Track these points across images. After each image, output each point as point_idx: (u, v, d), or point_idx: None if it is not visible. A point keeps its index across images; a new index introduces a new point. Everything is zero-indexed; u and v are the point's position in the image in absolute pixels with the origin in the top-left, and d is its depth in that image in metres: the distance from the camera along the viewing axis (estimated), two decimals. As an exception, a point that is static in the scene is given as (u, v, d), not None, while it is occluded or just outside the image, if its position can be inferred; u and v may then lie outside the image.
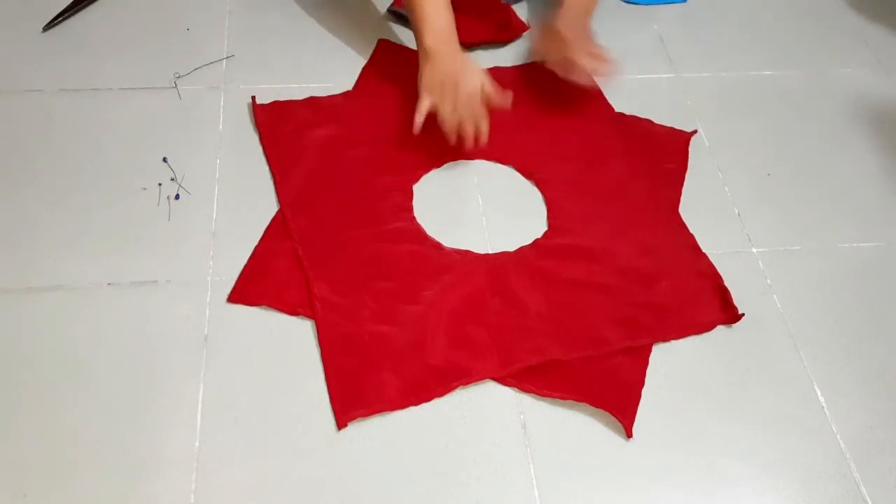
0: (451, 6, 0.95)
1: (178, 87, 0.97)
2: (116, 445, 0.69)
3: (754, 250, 0.89)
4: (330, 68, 1.02)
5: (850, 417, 0.77)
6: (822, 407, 0.78)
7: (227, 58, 1.02)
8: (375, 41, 1.06)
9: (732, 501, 0.71)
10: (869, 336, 0.83)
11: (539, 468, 0.71)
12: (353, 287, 0.80)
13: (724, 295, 0.84)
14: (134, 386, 0.72)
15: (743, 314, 0.82)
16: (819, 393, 0.79)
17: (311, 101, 0.97)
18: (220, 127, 0.94)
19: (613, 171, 0.94)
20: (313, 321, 0.78)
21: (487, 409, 0.74)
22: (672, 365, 0.79)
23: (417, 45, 0.93)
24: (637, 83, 1.06)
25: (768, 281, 0.87)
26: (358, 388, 0.74)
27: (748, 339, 0.82)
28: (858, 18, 1.20)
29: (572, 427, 0.74)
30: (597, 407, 0.74)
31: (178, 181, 0.88)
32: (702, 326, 0.82)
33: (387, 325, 0.78)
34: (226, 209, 0.86)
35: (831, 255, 0.90)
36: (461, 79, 0.90)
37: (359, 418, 0.72)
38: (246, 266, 0.81)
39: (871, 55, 1.14)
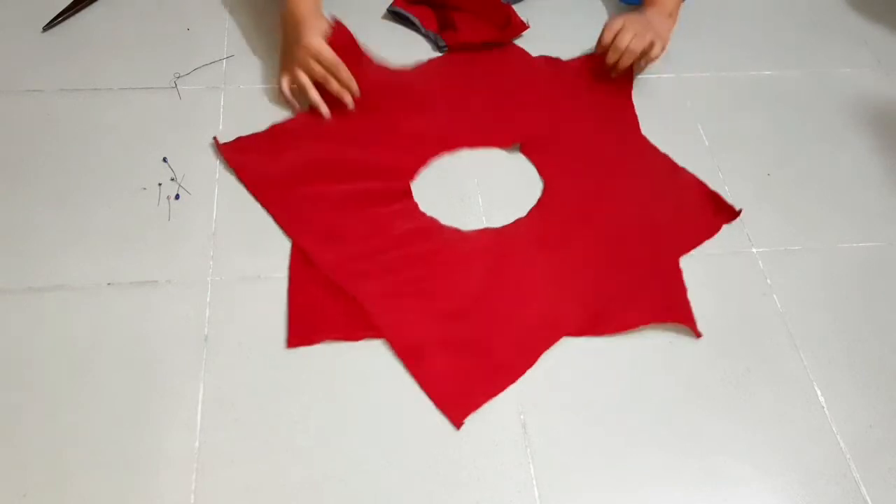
0: None
1: (178, 87, 0.97)
2: (116, 445, 0.69)
3: (754, 250, 0.89)
4: (330, 68, 1.02)
5: (850, 417, 0.77)
6: (822, 407, 0.78)
7: (227, 58, 1.02)
8: (376, 41, 1.06)
9: (732, 501, 0.71)
10: (869, 336, 0.83)
11: (539, 468, 0.71)
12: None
13: (715, 199, 0.91)
14: (134, 386, 0.72)
15: (741, 210, 0.89)
16: (819, 393, 0.79)
17: (274, 130, 0.93)
18: (220, 127, 0.93)
19: (584, 125, 0.99)
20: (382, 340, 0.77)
21: (487, 409, 0.74)
22: (672, 365, 0.79)
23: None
24: (637, 83, 1.06)
25: (768, 281, 0.87)
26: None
27: (748, 339, 0.82)
28: (858, 18, 1.20)
29: (572, 427, 0.74)
30: (659, 322, 0.80)
31: (178, 181, 0.88)
32: (707, 232, 0.89)
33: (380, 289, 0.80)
34: (226, 209, 0.86)
35: (831, 255, 0.90)
36: (303, 42, 0.90)
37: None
38: (290, 307, 0.78)
39: (871, 55, 1.14)
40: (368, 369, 0.76)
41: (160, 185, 0.87)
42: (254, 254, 0.83)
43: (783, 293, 0.86)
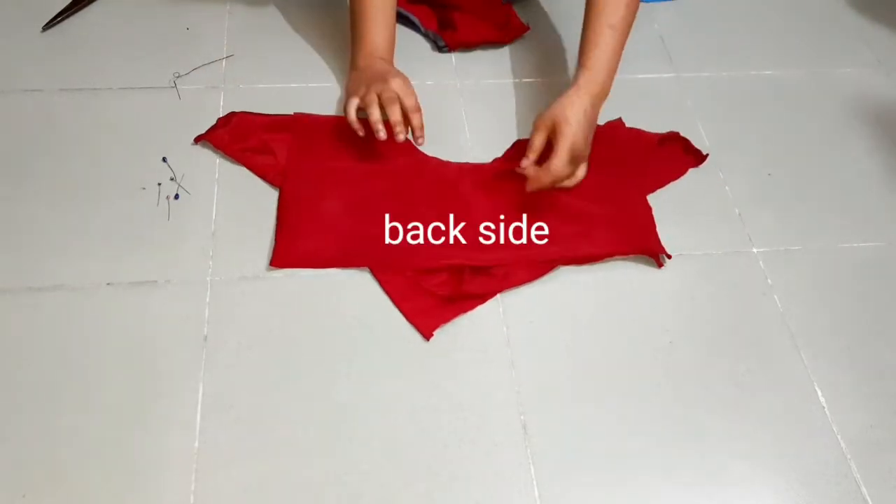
0: (394, 18, 0.94)
1: (177, 86, 0.97)
2: (116, 445, 0.69)
3: (754, 250, 0.89)
4: (330, 68, 1.02)
5: (850, 417, 0.77)
6: (823, 407, 0.78)
7: (226, 57, 1.02)
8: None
9: (732, 501, 0.71)
10: (869, 336, 0.83)
11: (539, 468, 0.71)
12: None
13: (685, 143, 0.96)
14: (134, 386, 0.72)
15: (708, 154, 0.95)
16: (819, 393, 0.79)
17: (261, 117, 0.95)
18: (220, 127, 0.93)
19: None
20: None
21: (487, 409, 0.74)
22: (672, 365, 0.79)
23: (350, 57, 0.94)
24: (637, 83, 1.06)
25: (768, 281, 0.87)
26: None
27: (748, 339, 0.82)
28: (859, 18, 1.20)
29: (572, 427, 0.74)
30: (628, 253, 0.85)
31: (178, 181, 0.88)
32: (675, 172, 0.94)
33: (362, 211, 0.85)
34: (226, 209, 0.86)
35: (831, 255, 0.90)
36: (388, 77, 0.87)
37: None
38: (277, 228, 0.84)
39: (871, 55, 1.14)
40: (370, 369, 0.76)
41: (160, 184, 0.87)
42: (254, 254, 0.83)
43: (783, 293, 0.86)
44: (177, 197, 0.86)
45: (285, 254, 0.81)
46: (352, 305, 0.80)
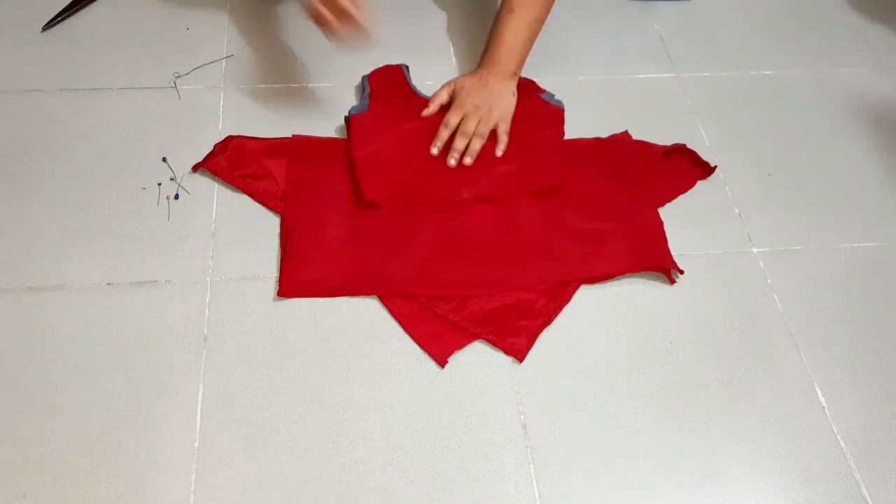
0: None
1: (177, 86, 0.97)
2: (116, 445, 0.69)
3: (754, 250, 0.89)
4: (330, 68, 1.02)
5: (850, 417, 0.77)
6: (823, 407, 0.78)
7: (226, 57, 1.02)
8: (375, 41, 1.05)
9: (732, 501, 0.71)
10: (869, 336, 0.83)
11: (539, 468, 0.71)
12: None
13: (692, 155, 0.95)
14: (134, 386, 0.72)
15: (716, 166, 0.94)
16: (819, 393, 0.79)
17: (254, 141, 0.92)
18: (220, 127, 0.93)
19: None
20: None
21: (487, 409, 0.74)
22: (673, 365, 0.79)
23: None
24: (637, 83, 1.06)
25: (768, 281, 0.87)
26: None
27: (748, 339, 0.82)
28: (859, 18, 1.20)
29: (572, 427, 0.74)
30: (641, 270, 0.84)
31: (178, 181, 0.88)
32: (684, 186, 0.94)
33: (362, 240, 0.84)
34: (225, 209, 0.86)
35: (831, 255, 0.90)
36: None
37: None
38: (284, 257, 0.82)
39: (871, 55, 1.14)
40: (370, 369, 0.76)
41: (160, 184, 0.87)
42: (254, 254, 0.83)
43: (783, 293, 0.86)
44: (177, 197, 0.86)
45: (292, 283, 0.80)
46: (351, 305, 0.80)
